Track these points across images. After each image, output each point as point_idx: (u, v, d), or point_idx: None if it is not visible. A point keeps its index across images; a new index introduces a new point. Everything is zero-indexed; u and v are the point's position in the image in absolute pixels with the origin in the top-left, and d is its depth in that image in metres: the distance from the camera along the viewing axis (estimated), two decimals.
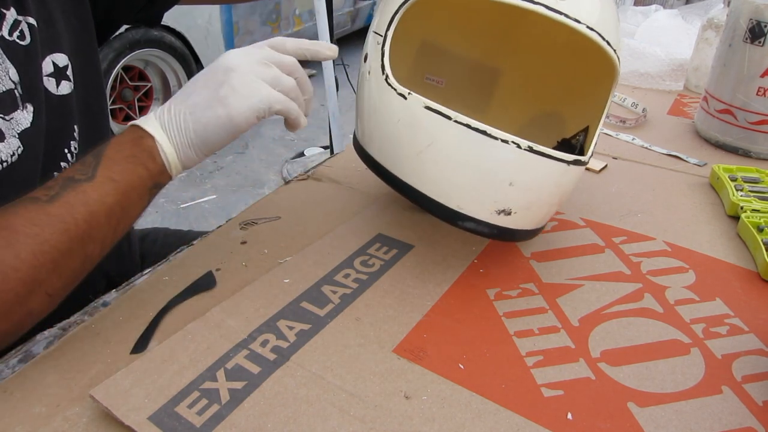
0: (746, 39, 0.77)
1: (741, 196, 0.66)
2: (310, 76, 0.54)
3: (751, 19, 0.76)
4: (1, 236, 0.41)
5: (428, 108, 0.48)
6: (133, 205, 0.47)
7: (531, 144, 0.47)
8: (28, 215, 0.43)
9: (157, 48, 2.60)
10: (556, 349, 0.47)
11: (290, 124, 0.52)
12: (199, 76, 0.50)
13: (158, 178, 0.48)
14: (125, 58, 2.48)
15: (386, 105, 0.52)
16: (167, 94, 2.79)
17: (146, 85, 2.72)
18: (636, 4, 1.46)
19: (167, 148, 0.48)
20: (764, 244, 0.57)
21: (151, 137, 0.48)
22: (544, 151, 0.47)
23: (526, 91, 0.72)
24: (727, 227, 0.64)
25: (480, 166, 0.48)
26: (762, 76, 0.76)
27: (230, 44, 3.03)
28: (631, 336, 0.49)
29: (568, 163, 0.49)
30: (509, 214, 0.49)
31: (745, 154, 0.81)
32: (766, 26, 0.74)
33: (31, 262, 0.41)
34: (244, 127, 0.49)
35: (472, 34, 0.48)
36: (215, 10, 2.89)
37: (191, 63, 2.80)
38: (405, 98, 0.50)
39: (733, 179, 0.70)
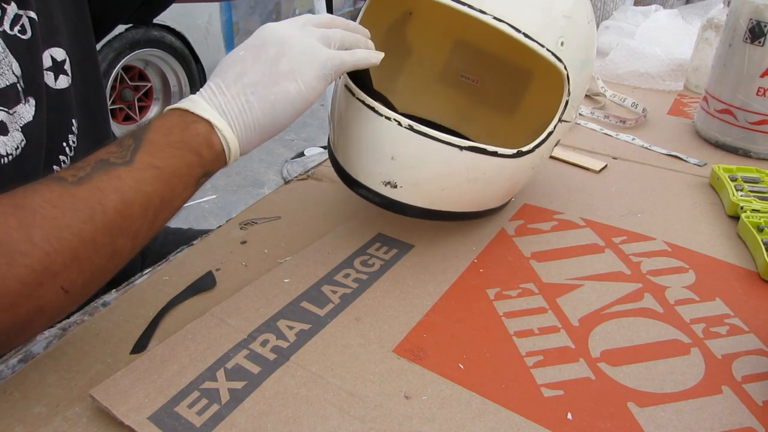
0: (746, 39, 0.77)
1: (741, 196, 0.66)
2: None
3: (751, 19, 0.76)
4: (15, 215, 0.36)
5: (345, 86, 0.54)
6: (177, 196, 0.43)
7: (412, 123, 0.50)
8: (50, 195, 0.37)
9: (157, 48, 2.60)
10: (556, 349, 0.47)
11: (368, 66, 0.50)
12: (241, 54, 0.46)
13: (211, 165, 0.44)
14: (125, 58, 2.48)
15: (335, 89, 0.58)
16: (167, 94, 2.79)
17: (146, 85, 2.72)
18: (636, 4, 1.46)
19: (227, 133, 0.44)
20: (764, 244, 0.57)
21: (205, 121, 0.43)
22: (425, 131, 0.50)
23: (552, 94, 0.72)
24: (727, 227, 0.64)
25: (368, 139, 0.52)
26: (762, 76, 0.76)
27: (230, 44, 3.03)
28: (631, 336, 0.49)
29: (461, 148, 0.51)
30: (395, 186, 0.52)
31: (745, 154, 0.81)
32: (766, 26, 0.74)
33: (45, 248, 0.36)
34: (314, 98, 0.46)
35: (506, 35, 0.50)
36: (215, 10, 2.89)
37: (191, 63, 2.80)
38: (339, 78, 0.56)
39: (733, 179, 0.70)
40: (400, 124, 0.50)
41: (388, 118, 0.50)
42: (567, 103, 0.55)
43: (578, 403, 0.43)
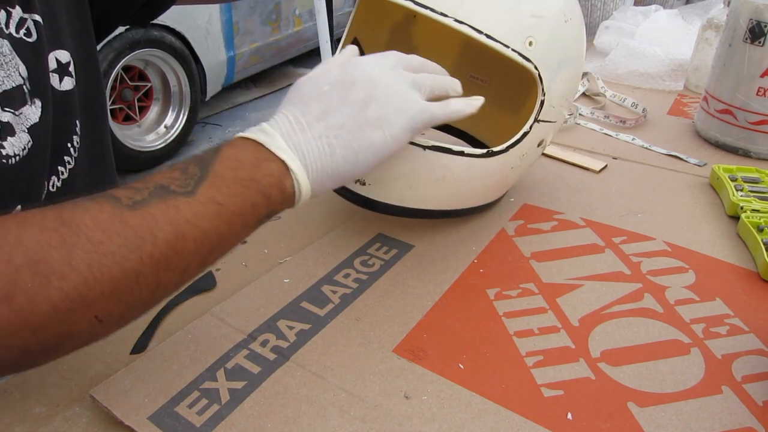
0: (746, 39, 0.77)
1: (741, 196, 0.66)
2: None
3: (751, 19, 0.76)
4: (58, 233, 0.33)
5: None
6: (235, 235, 0.39)
7: None
8: (100, 216, 0.35)
9: (157, 48, 2.60)
10: (556, 349, 0.47)
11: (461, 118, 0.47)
12: (325, 88, 0.43)
13: (277, 207, 0.41)
14: (125, 58, 2.48)
15: None
16: (167, 94, 2.79)
17: (146, 85, 2.72)
18: (636, 4, 1.46)
19: (302, 178, 0.40)
20: (764, 244, 0.57)
21: (280, 162, 0.40)
22: None
23: None
24: (727, 227, 0.64)
25: None
26: (762, 76, 0.76)
27: (230, 44, 3.04)
28: (631, 336, 0.49)
29: (424, 147, 0.51)
30: (364, 183, 0.53)
31: (745, 154, 0.81)
32: (766, 26, 0.74)
33: (84, 274, 0.33)
34: (397, 150, 0.43)
35: None
36: (215, 10, 2.89)
37: (191, 63, 2.80)
38: None
39: (733, 179, 0.70)
40: None
41: None
42: (543, 102, 0.55)
43: (578, 403, 0.43)
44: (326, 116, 0.42)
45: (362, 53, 0.70)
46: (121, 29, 2.31)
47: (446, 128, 0.78)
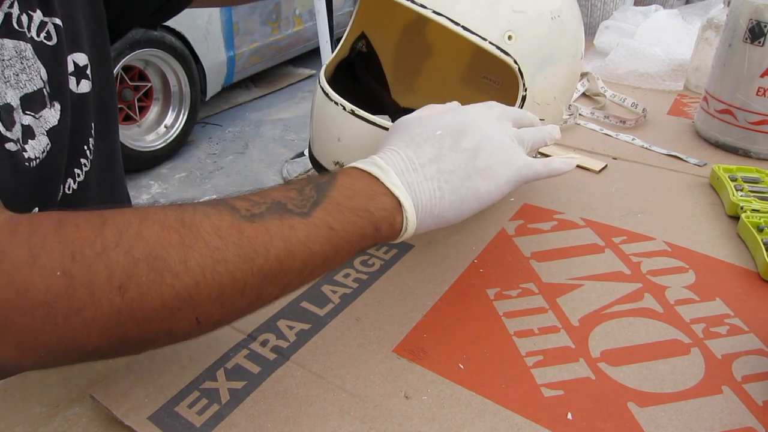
0: (746, 39, 0.77)
1: (741, 196, 0.66)
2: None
3: (751, 19, 0.76)
4: (178, 233, 0.35)
5: (322, 90, 0.58)
6: (338, 260, 0.41)
7: (354, 108, 0.55)
8: (219, 224, 0.36)
9: (157, 48, 2.60)
10: (556, 349, 0.47)
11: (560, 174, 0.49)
12: (438, 133, 0.44)
13: (382, 240, 0.42)
14: (125, 58, 2.48)
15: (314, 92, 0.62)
16: (167, 94, 2.80)
17: (146, 85, 2.72)
18: (636, 4, 1.46)
19: (411, 216, 0.42)
20: (764, 244, 0.57)
21: (394, 198, 0.41)
22: (364, 116, 0.54)
23: None
24: (727, 227, 0.64)
25: (321, 121, 0.58)
26: (762, 76, 0.76)
27: (230, 44, 3.04)
28: (631, 336, 0.49)
29: None
30: (342, 166, 0.53)
31: (745, 154, 0.81)
32: (766, 26, 0.74)
33: (196, 277, 0.34)
34: (498, 199, 0.45)
35: None
36: (215, 10, 2.90)
37: (191, 63, 2.80)
38: (319, 82, 0.59)
39: (733, 179, 0.70)
40: (344, 108, 0.55)
41: (336, 103, 0.55)
42: (524, 98, 0.56)
43: (578, 403, 0.43)
44: (438, 160, 0.43)
45: (372, 50, 0.70)
46: None
47: None
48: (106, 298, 0.32)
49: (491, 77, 0.77)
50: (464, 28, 0.51)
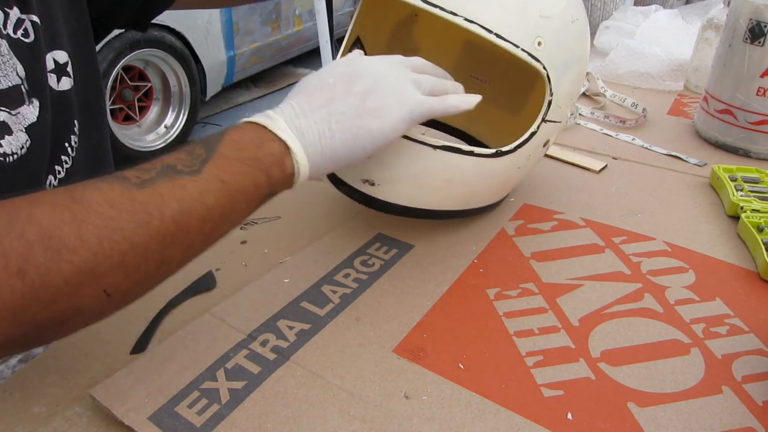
0: (746, 39, 0.77)
1: (741, 196, 0.66)
2: None
3: (751, 19, 0.76)
4: (70, 209, 0.35)
5: None
6: (238, 212, 0.41)
7: None
8: (110, 194, 0.36)
9: (157, 48, 2.60)
10: (556, 349, 0.47)
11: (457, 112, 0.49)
12: (330, 81, 0.45)
13: (278, 186, 0.43)
14: (125, 58, 2.48)
15: None
16: (167, 94, 2.80)
17: (146, 85, 2.72)
18: (636, 4, 1.46)
19: (300, 158, 0.43)
20: (764, 244, 0.57)
21: (282, 142, 0.42)
22: None
23: None
24: (727, 227, 0.64)
25: None
26: (762, 76, 0.76)
27: (230, 44, 3.04)
28: (631, 336, 0.49)
29: (434, 147, 0.51)
30: (372, 184, 0.53)
31: (745, 154, 0.81)
32: (766, 26, 0.74)
33: (94, 249, 0.34)
34: (394, 139, 0.46)
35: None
36: (215, 10, 2.89)
37: (191, 63, 2.80)
38: None
39: (733, 179, 0.70)
40: None
41: None
42: (550, 103, 0.55)
43: (578, 403, 0.43)
44: (328, 104, 0.44)
45: (365, 52, 0.70)
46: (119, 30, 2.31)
47: (447, 129, 0.78)
48: (6, 284, 0.32)
49: (478, 76, 0.76)
50: (497, 35, 0.49)
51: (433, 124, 0.78)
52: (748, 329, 0.50)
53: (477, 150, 0.53)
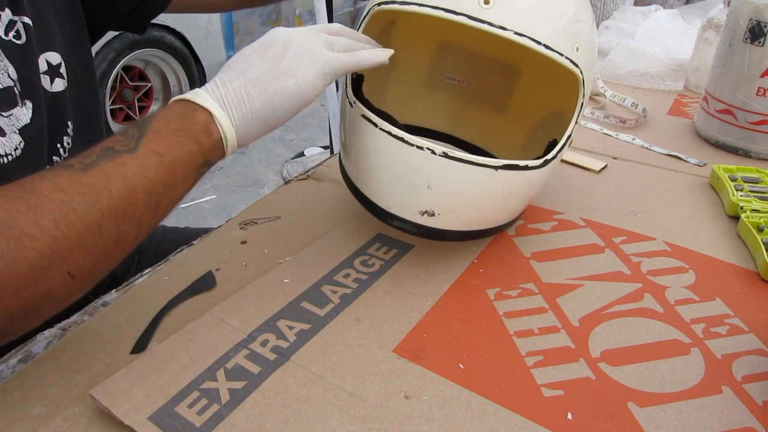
0: (746, 39, 0.77)
1: (741, 196, 0.66)
2: None
3: (751, 19, 0.76)
4: (23, 199, 0.36)
5: (363, 116, 0.52)
6: (179, 183, 0.44)
7: (446, 150, 0.49)
8: (58, 181, 0.38)
9: (157, 48, 2.60)
10: (556, 349, 0.47)
11: (371, 69, 0.51)
12: (247, 53, 0.48)
13: (210, 154, 0.46)
14: (125, 58, 2.48)
15: (343, 112, 0.57)
16: (167, 94, 2.79)
17: (146, 85, 2.72)
18: (636, 4, 1.46)
19: (224, 122, 0.45)
20: (764, 244, 0.57)
21: (205, 110, 0.45)
22: (461, 157, 0.50)
23: (543, 89, 0.72)
24: (727, 227, 0.64)
25: (401, 170, 0.51)
26: (762, 76, 0.76)
27: (230, 44, 3.03)
28: (631, 336, 0.49)
29: (496, 168, 0.51)
30: (432, 215, 0.52)
31: (745, 154, 0.81)
32: (766, 26, 0.74)
33: (52, 232, 0.36)
34: (312, 96, 0.48)
35: (489, 33, 0.50)
36: None
37: (191, 63, 2.80)
38: (351, 106, 0.54)
39: (733, 179, 0.70)
40: (433, 152, 0.49)
41: (420, 148, 0.49)
42: (582, 105, 0.55)
43: (578, 403, 0.43)
44: (245, 72, 0.47)
45: None
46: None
47: (431, 134, 0.77)
48: None
49: (454, 77, 0.76)
50: (546, 46, 0.49)
51: (419, 131, 0.77)
52: (748, 329, 0.50)
53: (530, 163, 0.53)
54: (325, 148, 2.78)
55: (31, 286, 0.36)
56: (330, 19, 1.97)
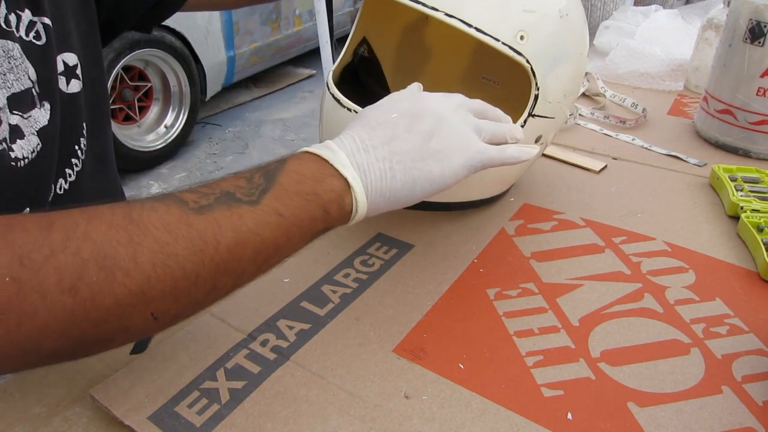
0: (746, 39, 0.77)
1: (741, 196, 0.66)
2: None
3: (751, 19, 0.76)
4: (126, 230, 0.34)
5: (331, 95, 0.56)
6: (292, 246, 0.41)
7: None
8: (167, 218, 0.36)
9: (157, 48, 2.60)
10: (556, 349, 0.47)
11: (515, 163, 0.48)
12: (393, 116, 0.44)
13: (334, 222, 0.42)
14: (125, 58, 2.48)
15: (322, 98, 0.60)
16: (167, 94, 2.79)
17: (146, 85, 2.72)
18: (636, 4, 1.46)
19: (361, 197, 0.41)
20: (764, 244, 0.57)
21: (343, 179, 0.41)
22: None
23: None
24: (727, 227, 0.64)
25: (334, 130, 0.51)
26: (762, 76, 0.76)
27: (230, 44, 3.03)
28: (631, 336, 0.49)
29: None
30: None
31: (745, 154, 0.81)
32: (766, 26, 0.74)
33: (148, 272, 0.34)
34: (453, 184, 0.44)
35: None
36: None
37: (191, 63, 2.80)
38: (328, 89, 0.57)
39: (733, 179, 0.70)
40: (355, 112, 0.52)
41: (349, 110, 0.53)
42: (536, 97, 0.56)
43: (578, 403, 0.43)
44: (391, 142, 0.43)
45: (373, 55, 0.70)
46: None
47: None
48: (57, 300, 0.32)
49: (490, 77, 0.77)
50: (477, 29, 0.50)
51: None
52: (748, 329, 0.50)
53: None
54: None
55: (113, 320, 0.34)
56: (330, 19, 1.97)
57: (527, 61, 0.53)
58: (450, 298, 0.53)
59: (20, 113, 0.48)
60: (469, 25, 0.50)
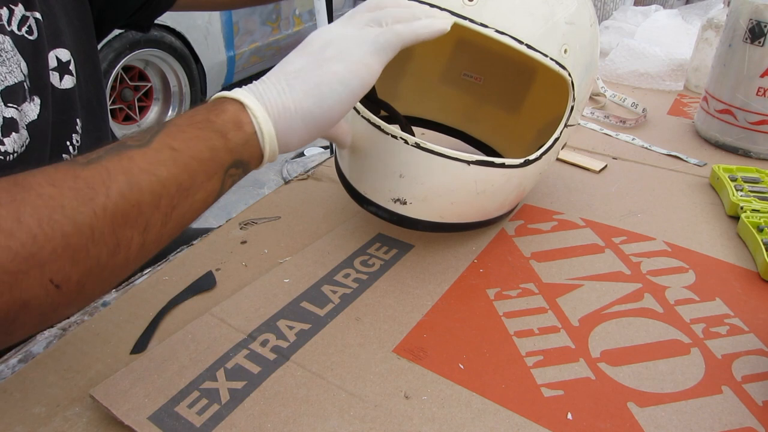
0: (746, 39, 0.77)
1: (741, 196, 0.66)
2: None
3: (751, 19, 0.76)
4: (8, 191, 0.31)
5: None
6: (198, 185, 0.37)
7: (419, 141, 0.50)
8: (54, 175, 0.33)
9: (157, 48, 2.60)
10: (556, 349, 0.47)
11: (432, 36, 0.45)
12: (290, 53, 0.43)
13: (241, 152, 0.39)
14: (125, 58, 2.48)
15: None
16: (167, 94, 2.80)
17: (146, 85, 2.72)
18: (636, 4, 1.47)
19: (259, 113, 0.39)
20: (764, 244, 0.57)
21: (235, 101, 0.39)
22: (433, 149, 0.50)
23: (553, 92, 0.73)
24: (727, 227, 0.64)
25: (376, 158, 0.52)
26: (762, 76, 0.76)
27: (230, 44, 3.03)
28: (631, 336, 0.49)
29: (468, 162, 0.51)
30: (404, 203, 0.53)
31: (745, 154, 0.81)
32: (766, 26, 0.74)
33: (33, 231, 0.30)
34: (369, 77, 0.42)
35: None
36: None
37: (191, 63, 2.80)
38: None
39: (733, 179, 0.70)
40: (406, 142, 0.50)
41: (395, 137, 0.50)
42: (572, 108, 0.55)
43: (578, 403, 0.43)
44: (284, 66, 0.42)
45: None
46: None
47: (443, 129, 0.78)
48: None
49: (471, 74, 0.76)
50: (528, 46, 0.49)
51: (431, 125, 0.78)
52: (748, 329, 0.50)
53: (507, 161, 0.53)
54: (325, 148, 2.77)
55: (5, 291, 0.30)
56: (330, 20, 1.97)
57: (569, 74, 0.52)
58: (450, 298, 0.53)
59: (15, 106, 0.48)
60: (521, 42, 0.49)
